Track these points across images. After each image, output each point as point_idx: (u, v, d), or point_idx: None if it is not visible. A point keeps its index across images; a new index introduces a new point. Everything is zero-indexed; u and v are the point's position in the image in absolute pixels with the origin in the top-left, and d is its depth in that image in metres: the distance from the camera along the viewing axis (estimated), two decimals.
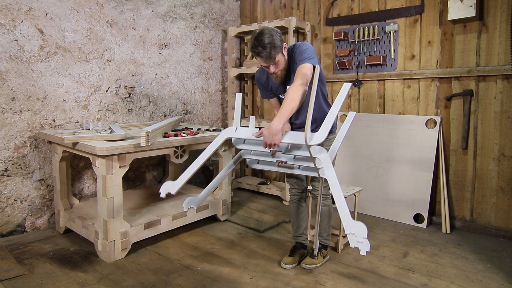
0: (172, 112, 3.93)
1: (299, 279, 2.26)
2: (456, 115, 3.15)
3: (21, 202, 2.87)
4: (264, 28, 2.11)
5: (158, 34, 3.70)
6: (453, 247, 2.79)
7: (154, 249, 2.67)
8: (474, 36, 3.02)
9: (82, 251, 2.61)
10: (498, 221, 3.01)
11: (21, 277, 2.22)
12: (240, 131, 2.07)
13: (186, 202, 2.28)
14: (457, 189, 3.19)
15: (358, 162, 3.62)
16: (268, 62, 2.12)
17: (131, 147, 2.41)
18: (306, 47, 2.14)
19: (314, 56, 2.12)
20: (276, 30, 2.12)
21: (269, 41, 2.05)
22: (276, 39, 2.07)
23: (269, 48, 2.05)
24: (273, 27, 2.17)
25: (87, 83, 3.18)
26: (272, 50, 2.07)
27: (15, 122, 2.79)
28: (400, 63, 3.41)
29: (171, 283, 2.19)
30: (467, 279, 2.30)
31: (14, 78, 2.76)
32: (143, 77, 3.61)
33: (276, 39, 2.07)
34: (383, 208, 3.42)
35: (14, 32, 2.74)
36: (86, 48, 3.15)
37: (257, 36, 2.08)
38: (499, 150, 2.97)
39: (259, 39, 2.06)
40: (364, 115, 3.65)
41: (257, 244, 2.77)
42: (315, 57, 2.13)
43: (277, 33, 2.10)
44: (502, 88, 2.92)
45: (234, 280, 2.25)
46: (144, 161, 3.68)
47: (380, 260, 2.55)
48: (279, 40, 2.09)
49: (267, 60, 2.10)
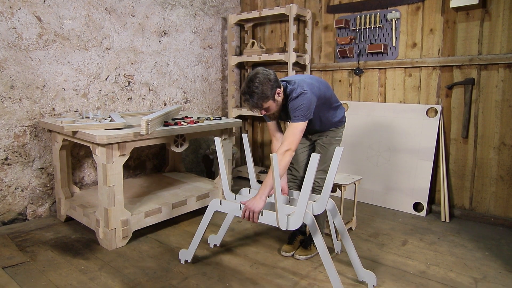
0: (172, 100, 3.91)
1: (298, 267, 2.28)
2: (457, 104, 3.14)
3: (22, 190, 2.88)
4: (257, 74, 2.04)
5: (158, 21, 3.66)
6: (452, 235, 2.81)
7: (155, 237, 2.69)
8: (476, 24, 2.99)
9: (83, 239, 2.63)
10: (497, 210, 3.02)
11: (23, 265, 2.24)
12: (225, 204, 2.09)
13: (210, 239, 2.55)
14: (457, 178, 3.20)
15: (358, 151, 3.62)
16: (254, 110, 2.12)
17: (131, 136, 2.41)
18: (301, 102, 2.07)
19: (306, 114, 2.07)
20: (269, 76, 2.05)
21: (258, 91, 2.01)
22: (266, 89, 2.02)
23: (256, 99, 2.03)
24: (268, 71, 2.07)
25: (86, 71, 3.16)
26: (259, 100, 2.04)
27: (14, 111, 2.79)
28: (402, 51, 3.38)
29: (172, 270, 2.21)
30: (465, 266, 2.33)
31: (13, 66, 2.75)
32: (142, 65, 3.58)
33: (266, 88, 2.02)
34: (383, 197, 3.44)
35: (12, 19, 2.71)
36: (84, 36, 3.12)
37: (247, 83, 2.05)
38: (499, 139, 2.96)
39: (249, 86, 2.03)
40: (365, 103, 3.64)
41: (257, 232, 2.79)
42: (309, 113, 2.08)
43: (269, 81, 2.03)
44: (504, 77, 2.90)
45: (234, 267, 2.27)
46: (144, 149, 3.68)
47: (379, 248, 2.57)
48: (270, 89, 2.03)
49: (253, 109, 2.10)
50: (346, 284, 2.09)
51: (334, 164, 1.87)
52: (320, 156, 1.81)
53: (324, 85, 2.28)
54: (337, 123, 2.43)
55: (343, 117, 2.45)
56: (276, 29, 4.32)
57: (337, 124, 2.43)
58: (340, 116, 2.43)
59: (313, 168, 1.74)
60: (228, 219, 2.41)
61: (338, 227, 2.11)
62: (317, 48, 3.94)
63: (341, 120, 2.44)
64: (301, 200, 1.79)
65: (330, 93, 2.30)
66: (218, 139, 2.19)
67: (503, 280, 2.17)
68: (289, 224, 1.83)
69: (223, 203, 2.09)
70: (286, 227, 1.83)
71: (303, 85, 2.11)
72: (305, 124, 2.09)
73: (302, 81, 2.15)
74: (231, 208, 2.06)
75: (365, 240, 2.70)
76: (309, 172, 1.74)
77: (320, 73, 3.94)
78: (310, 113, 2.10)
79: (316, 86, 2.17)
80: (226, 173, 2.24)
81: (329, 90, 2.30)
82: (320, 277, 2.16)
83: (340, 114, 2.43)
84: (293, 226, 1.83)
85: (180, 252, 2.31)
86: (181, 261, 2.30)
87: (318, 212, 2.03)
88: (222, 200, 2.09)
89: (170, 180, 3.47)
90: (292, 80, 2.18)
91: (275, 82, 2.06)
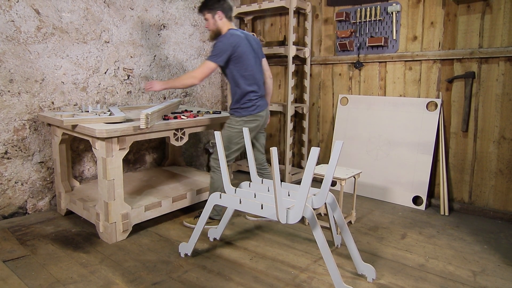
0: (171, 94, 3.90)
1: (298, 260, 2.30)
2: (457, 97, 3.13)
3: (22, 184, 2.89)
4: None
5: (157, 14, 3.64)
6: (451, 229, 2.82)
7: (155, 231, 2.69)
8: (477, 17, 2.97)
9: (83, 232, 2.64)
10: (496, 204, 3.03)
11: (24, 258, 2.25)
12: (225, 198, 2.12)
13: (210, 233, 2.56)
14: (456, 171, 3.20)
15: (358, 145, 3.62)
16: (200, 14, 2.67)
17: (131, 130, 2.40)
18: (220, 41, 2.49)
19: (219, 53, 2.47)
20: (223, 1, 2.57)
21: (206, 1, 2.60)
22: (212, 3, 2.56)
23: (202, 4, 2.62)
24: (227, 1, 2.61)
25: (85, 65, 3.15)
26: (202, 6, 2.62)
27: (13, 105, 2.78)
28: (402, 44, 3.37)
29: (172, 263, 2.22)
30: (464, 260, 2.34)
31: (12, 59, 2.73)
32: (141, 59, 3.57)
33: (211, 3, 2.56)
34: (382, 191, 3.44)
35: (10, 12, 2.69)
36: (83, 29, 3.10)
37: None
38: (499, 133, 2.96)
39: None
40: (365, 97, 3.63)
41: (257, 226, 2.80)
42: (222, 55, 2.47)
43: (217, 2, 2.56)
44: (504, 70, 2.89)
45: (234, 261, 2.28)
46: (144, 143, 3.68)
47: (379, 241, 2.58)
48: (214, 5, 2.56)
49: (199, 13, 2.66)
50: (346, 277, 2.10)
51: (333, 158, 1.87)
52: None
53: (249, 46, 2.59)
54: (236, 106, 2.62)
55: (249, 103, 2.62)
56: (276, 22, 4.30)
57: (235, 108, 2.63)
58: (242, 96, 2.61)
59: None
60: (228, 213, 2.42)
61: (338, 221, 2.12)
62: (317, 41, 3.93)
63: (242, 104, 2.61)
64: (301, 194, 1.79)
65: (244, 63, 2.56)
66: (218, 133, 2.19)
67: (502, 273, 2.18)
68: (289, 218, 1.83)
69: (223, 197, 2.09)
70: (286, 221, 1.84)
71: (233, 35, 2.52)
72: (213, 65, 2.48)
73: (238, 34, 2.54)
74: (231, 201, 2.06)
75: (364, 233, 2.71)
76: (309, 165, 1.74)
77: (320, 66, 3.93)
78: (220, 58, 2.47)
79: (243, 40, 2.54)
80: (226, 167, 2.24)
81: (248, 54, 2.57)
82: (320, 270, 2.17)
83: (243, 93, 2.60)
84: (293, 220, 1.83)
85: (180, 245, 2.32)
86: (181, 255, 2.31)
87: (318, 206, 2.03)
88: (222, 194, 2.10)
89: (170, 174, 3.47)
90: (239, 31, 2.61)
91: (221, 7, 2.57)
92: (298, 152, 4.22)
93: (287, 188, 2.22)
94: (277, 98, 4.41)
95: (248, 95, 2.59)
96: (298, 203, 1.81)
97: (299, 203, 1.81)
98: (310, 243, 2.52)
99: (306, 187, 1.76)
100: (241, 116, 2.61)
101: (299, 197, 1.80)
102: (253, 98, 2.60)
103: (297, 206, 1.82)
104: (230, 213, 2.42)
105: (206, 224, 2.31)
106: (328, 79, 3.90)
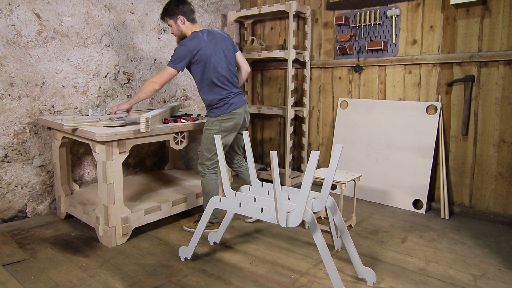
0: (171, 98, 3.91)
1: (298, 264, 2.29)
2: (457, 101, 3.14)
3: (22, 188, 2.88)
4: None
5: (157, 18, 3.65)
6: (451, 233, 2.81)
7: (154, 234, 2.69)
8: (476, 21, 2.98)
9: (83, 236, 2.63)
10: (496, 207, 3.03)
11: (24, 262, 2.25)
12: (225, 201, 2.11)
13: (210, 236, 2.55)
14: (456, 175, 3.20)
15: (358, 148, 3.62)
16: (162, 22, 2.67)
17: (131, 133, 2.41)
18: (179, 46, 2.48)
19: (178, 59, 2.45)
20: (183, 4, 2.54)
21: (166, 5, 2.59)
22: (171, 8, 2.54)
23: (162, 11, 2.62)
24: (189, 4, 2.59)
25: (86, 68, 3.15)
26: (163, 13, 2.61)
27: (14, 108, 2.78)
28: (402, 48, 3.38)
29: (172, 267, 2.22)
30: (465, 263, 2.33)
31: (12, 63, 2.74)
32: (142, 63, 3.58)
33: (171, 8, 2.54)
34: (382, 194, 3.44)
35: (11, 16, 2.70)
36: (84, 33, 3.11)
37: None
38: (499, 136, 2.96)
39: (169, 3, 2.59)
40: (365, 101, 3.63)
41: (257, 230, 2.80)
42: (181, 61, 2.46)
43: (177, 7, 2.52)
44: (504, 74, 2.90)
45: (234, 264, 2.27)
46: (144, 147, 3.68)
47: (379, 245, 2.57)
48: (174, 10, 2.53)
49: (161, 20, 2.67)
50: (346, 281, 2.09)
51: (333, 161, 1.87)
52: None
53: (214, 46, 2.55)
54: (210, 107, 2.61)
55: (221, 102, 2.57)
56: (275, 26, 4.31)
57: (210, 109, 2.62)
58: (213, 96, 2.58)
59: (313, 164, 1.74)
60: (228, 217, 2.42)
61: (338, 225, 2.12)
62: (317, 45, 3.94)
63: (215, 104, 2.58)
64: (301, 197, 1.79)
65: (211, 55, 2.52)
66: (217, 137, 2.19)
67: (502, 277, 2.18)
68: (289, 222, 1.83)
69: (223, 201, 2.09)
70: (286, 225, 1.83)
71: (194, 38, 2.50)
72: (172, 71, 2.47)
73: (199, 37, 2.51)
74: (231, 205, 2.06)
75: (364, 237, 2.70)
76: (309, 169, 1.74)
77: (320, 70, 3.93)
78: (179, 64, 2.46)
79: (204, 42, 2.50)
80: (226, 171, 2.23)
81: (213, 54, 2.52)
82: (320, 274, 2.17)
83: (214, 93, 2.57)
84: (293, 224, 1.83)
85: (180, 249, 2.31)
86: (181, 258, 2.31)
87: (318, 210, 2.03)
88: (222, 198, 2.10)
89: (170, 178, 3.47)
90: (205, 31, 2.58)
91: (181, 11, 2.54)
92: (298, 155, 4.22)
93: (287, 192, 2.21)
94: (277, 101, 4.41)
95: (220, 94, 2.56)
96: (298, 206, 1.81)
97: (299, 207, 1.80)
98: (310, 246, 2.52)
99: (306, 191, 1.76)
100: (215, 116, 2.59)
101: (299, 201, 1.80)
102: (225, 96, 2.57)
103: (297, 209, 1.81)
104: (230, 217, 2.42)
105: (205, 228, 2.30)
106: (328, 83, 3.91)
